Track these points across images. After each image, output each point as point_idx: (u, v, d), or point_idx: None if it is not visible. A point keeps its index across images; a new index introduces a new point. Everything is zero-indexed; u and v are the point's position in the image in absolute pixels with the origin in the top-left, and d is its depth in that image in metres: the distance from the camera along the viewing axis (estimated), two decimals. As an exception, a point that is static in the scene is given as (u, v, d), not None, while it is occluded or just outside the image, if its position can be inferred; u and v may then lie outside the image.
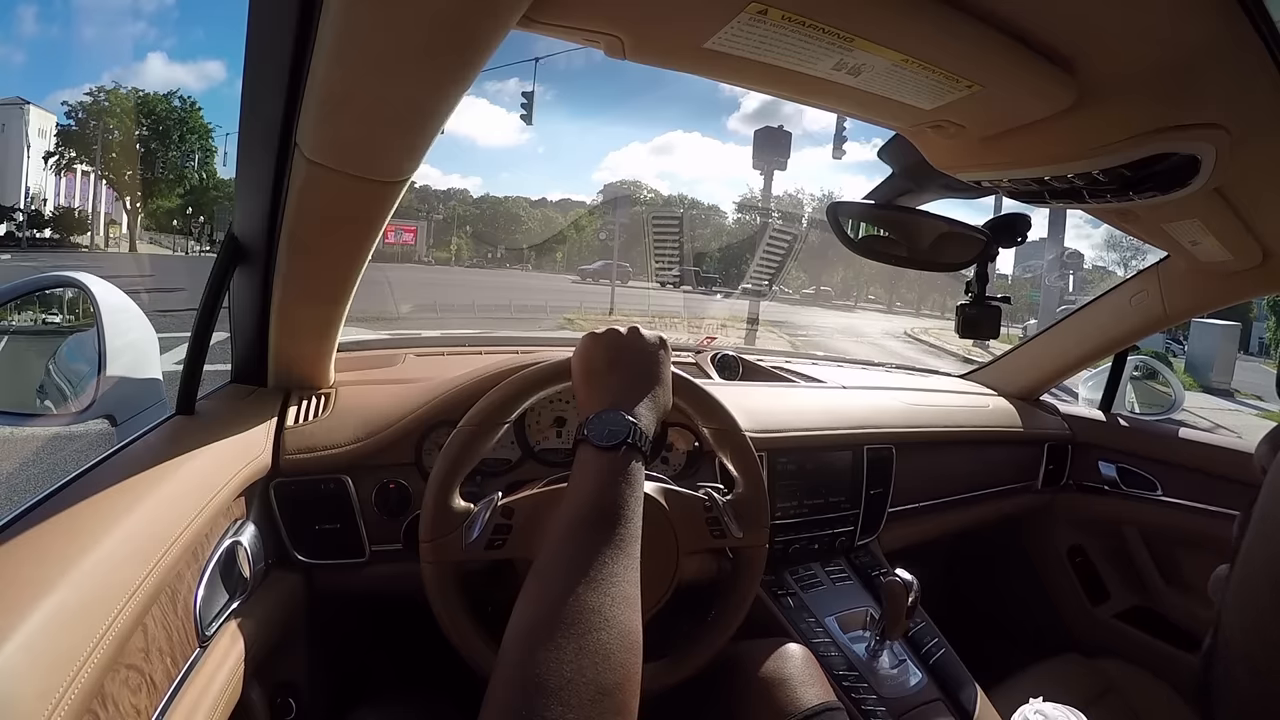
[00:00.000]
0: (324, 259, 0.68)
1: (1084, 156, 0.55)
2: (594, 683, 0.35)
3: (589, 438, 0.51)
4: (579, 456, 0.51)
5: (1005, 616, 1.53)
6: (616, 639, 0.38)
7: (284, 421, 0.77)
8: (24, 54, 39.06)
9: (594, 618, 0.38)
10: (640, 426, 0.52)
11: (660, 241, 13.66)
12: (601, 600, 0.39)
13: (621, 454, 0.50)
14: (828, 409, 1.10)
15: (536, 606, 0.40)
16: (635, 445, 0.51)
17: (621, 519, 0.45)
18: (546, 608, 0.39)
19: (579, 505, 0.47)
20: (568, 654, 0.36)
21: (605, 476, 0.48)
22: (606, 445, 0.50)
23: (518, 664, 0.36)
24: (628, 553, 0.44)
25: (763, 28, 0.40)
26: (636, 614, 0.41)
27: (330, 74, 0.44)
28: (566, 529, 0.45)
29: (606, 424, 0.51)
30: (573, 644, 0.36)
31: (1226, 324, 11.64)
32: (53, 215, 24.50)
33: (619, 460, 0.49)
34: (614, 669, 0.37)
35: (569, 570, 0.41)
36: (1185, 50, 0.42)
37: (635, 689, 0.37)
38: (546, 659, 0.36)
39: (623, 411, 0.52)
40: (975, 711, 0.86)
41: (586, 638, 0.37)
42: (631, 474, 0.49)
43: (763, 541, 0.74)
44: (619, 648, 0.38)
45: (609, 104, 75.16)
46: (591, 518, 0.45)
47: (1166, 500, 1.27)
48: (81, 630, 0.40)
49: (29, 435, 3.10)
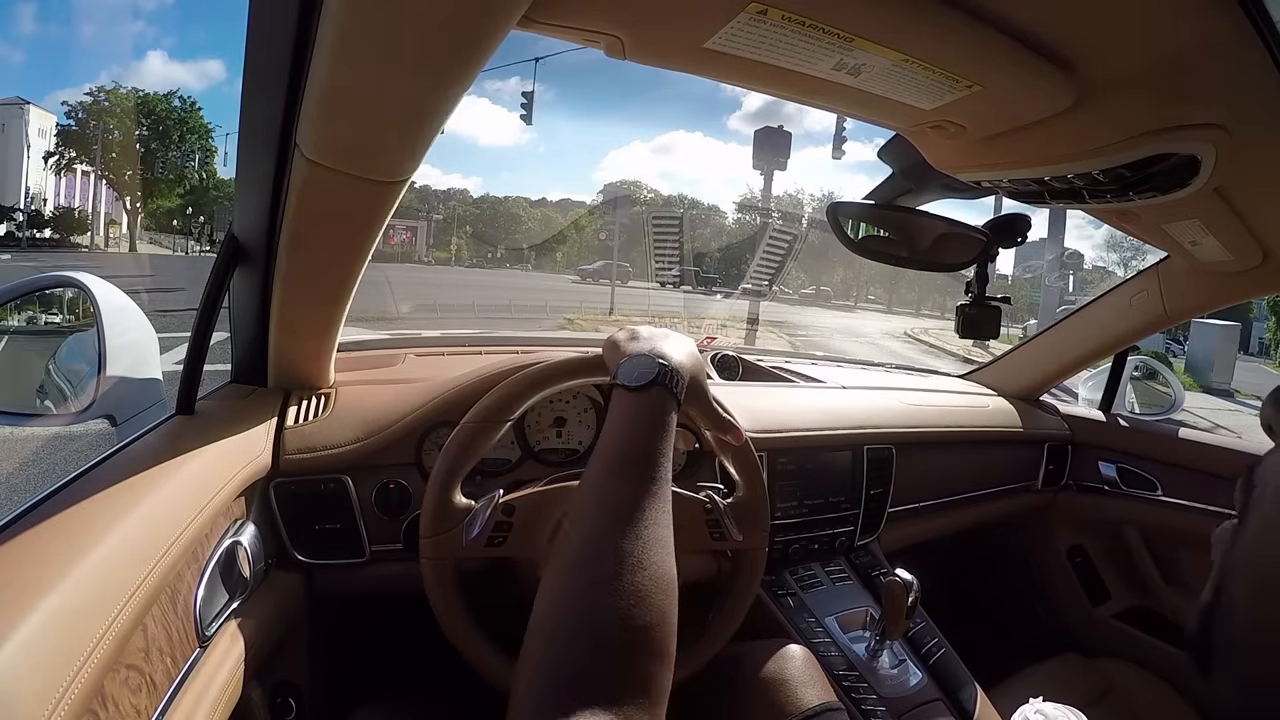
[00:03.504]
0: (324, 259, 0.68)
1: (1084, 156, 0.55)
2: (631, 625, 0.36)
3: (619, 380, 0.51)
4: (611, 402, 0.51)
5: (1005, 616, 1.53)
6: (650, 581, 0.38)
7: (284, 421, 0.77)
8: (24, 54, 39.11)
9: (628, 560, 0.38)
10: (671, 366, 0.51)
11: (660, 241, 13.65)
12: (634, 544, 0.39)
13: (653, 394, 0.49)
14: (827, 409, 1.10)
15: (572, 553, 0.40)
16: (666, 385, 0.50)
17: (653, 462, 0.45)
18: (580, 552, 0.39)
19: (610, 449, 0.47)
20: (603, 597, 0.36)
21: (636, 418, 0.48)
22: (636, 385, 0.50)
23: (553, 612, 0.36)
24: (659, 495, 0.44)
25: (763, 28, 0.40)
26: (670, 556, 0.41)
27: (330, 74, 0.44)
28: (599, 474, 0.45)
29: (636, 366, 0.51)
30: (608, 586, 0.37)
31: (1226, 324, 11.63)
32: (53, 215, 24.49)
33: (649, 400, 0.49)
34: (650, 610, 0.37)
35: (602, 514, 0.42)
36: (1185, 50, 0.42)
37: (672, 630, 0.38)
38: (583, 603, 0.36)
39: (654, 354, 0.52)
40: (975, 711, 0.86)
41: (621, 580, 0.37)
42: (662, 415, 0.49)
43: (762, 544, 0.74)
44: (654, 589, 0.38)
45: (609, 104, 75.24)
46: (622, 462, 0.45)
47: (1166, 500, 1.27)
48: (81, 630, 0.40)
49: (29, 435, 3.10)
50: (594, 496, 0.44)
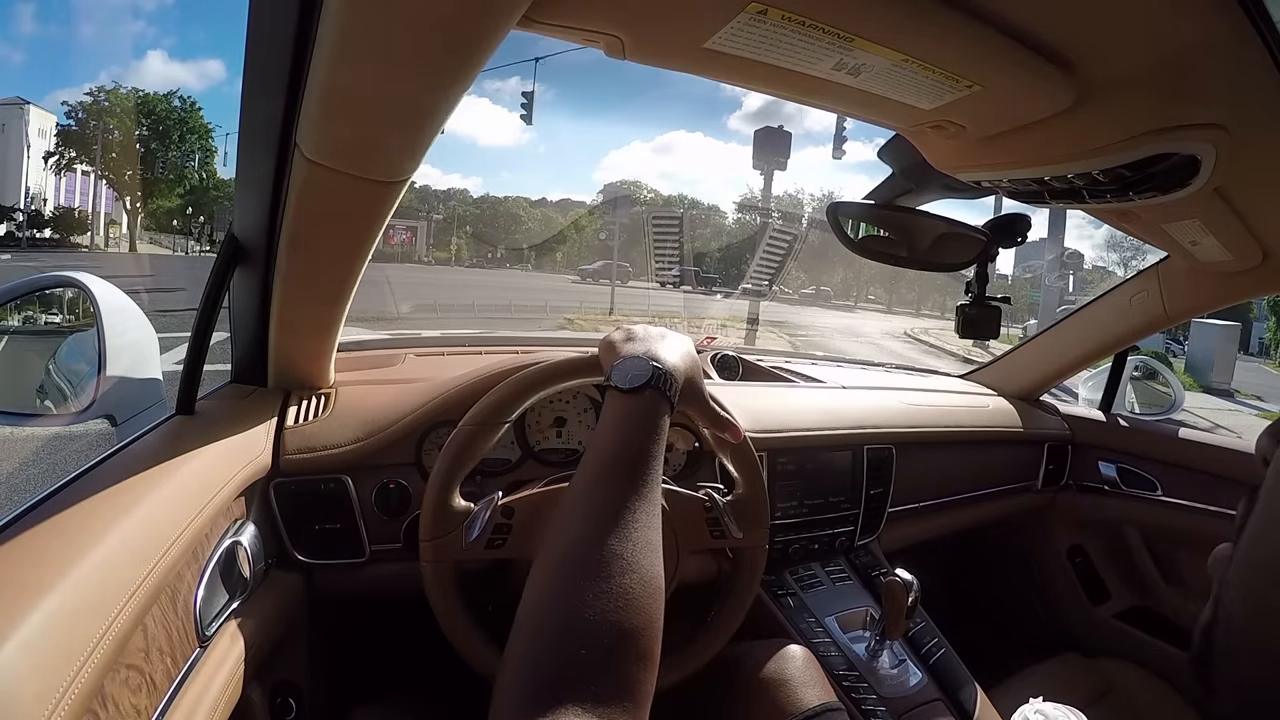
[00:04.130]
0: (324, 259, 0.68)
1: (1084, 156, 0.55)
2: (617, 626, 0.35)
3: (613, 382, 0.51)
4: (605, 403, 0.51)
5: (1005, 616, 1.53)
6: (639, 584, 0.38)
7: (284, 421, 0.77)
8: (24, 54, 39.11)
9: (617, 563, 0.38)
10: (665, 369, 0.51)
11: (660, 241, 13.65)
12: (624, 546, 0.39)
13: (645, 396, 0.49)
14: (827, 409, 1.10)
15: (559, 551, 0.40)
16: (659, 388, 0.50)
17: (644, 465, 0.45)
18: (569, 552, 0.39)
19: (601, 450, 0.47)
20: (590, 598, 0.36)
21: (628, 421, 0.48)
22: (629, 388, 0.50)
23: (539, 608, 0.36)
24: (649, 498, 0.44)
25: (763, 28, 0.40)
26: (658, 559, 0.41)
27: (330, 74, 0.44)
28: (589, 475, 0.45)
29: (630, 368, 0.51)
30: (595, 588, 0.36)
31: (1226, 324, 11.63)
32: (53, 215, 24.49)
33: (641, 403, 0.49)
34: (637, 613, 0.37)
35: (591, 516, 0.41)
36: (1185, 50, 0.42)
37: (658, 634, 0.37)
38: (569, 602, 0.36)
39: (648, 356, 0.52)
40: (975, 711, 0.86)
41: (609, 582, 0.37)
42: (654, 417, 0.49)
43: (762, 542, 0.74)
44: (642, 593, 0.38)
45: (609, 104, 75.23)
46: (614, 463, 0.45)
47: (1166, 500, 1.27)
48: (81, 630, 0.40)
49: (29, 435, 3.10)
50: (584, 497, 0.44)
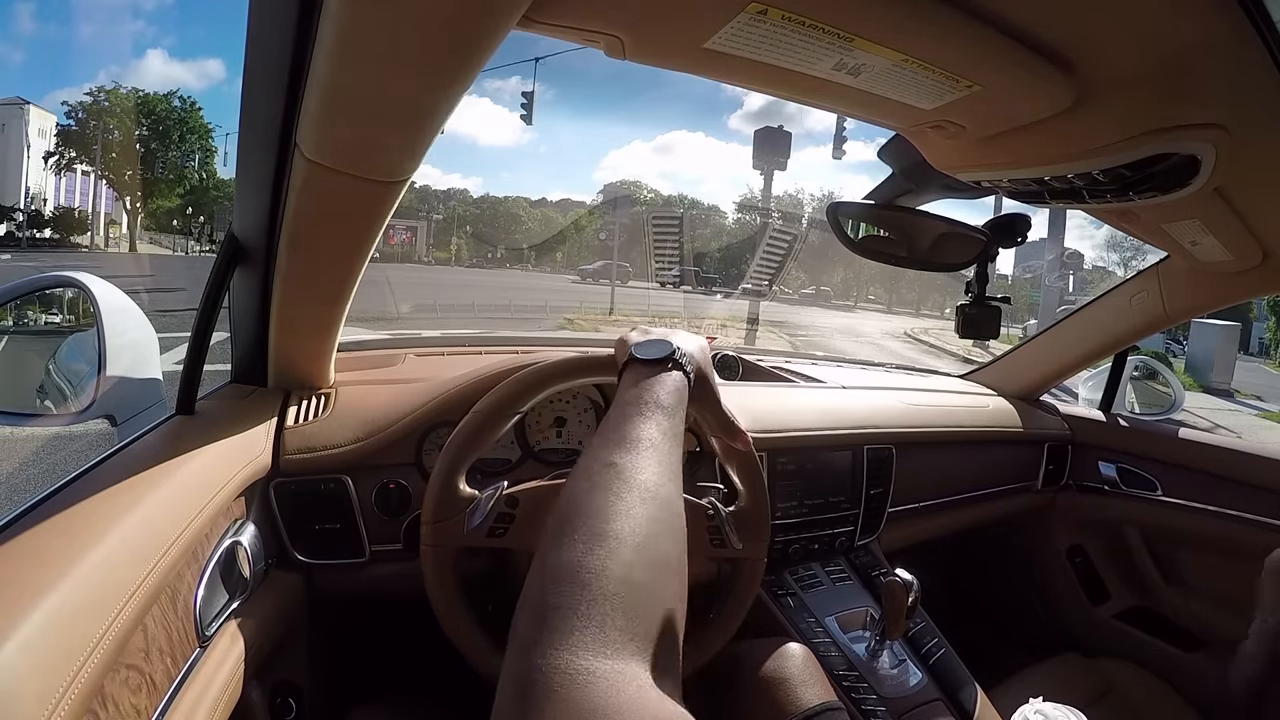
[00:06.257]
0: (324, 259, 0.68)
1: (1084, 157, 0.55)
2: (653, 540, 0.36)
3: (634, 356, 0.52)
4: (623, 376, 0.52)
5: (1005, 616, 1.53)
6: (665, 511, 0.39)
7: (284, 421, 0.77)
8: (24, 54, 39.09)
9: (647, 491, 0.38)
10: (685, 352, 0.52)
11: (660, 241, 13.67)
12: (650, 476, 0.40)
13: (667, 367, 0.50)
14: (827, 409, 1.10)
15: (588, 469, 0.40)
16: (678, 363, 0.51)
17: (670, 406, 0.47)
18: (597, 468, 0.40)
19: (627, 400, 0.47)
20: (624, 505, 0.36)
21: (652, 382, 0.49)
22: (650, 358, 0.51)
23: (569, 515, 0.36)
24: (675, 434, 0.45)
25: (763, 28, 0.40)
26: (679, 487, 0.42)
27: (330, 74, 0.44)
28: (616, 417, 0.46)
29: (650, 347, 0.52)
30: (626, 499, 0.37)
31: (1226, 324, 11.62)
32: (53, 215, 24.47)
33: (663, 370, 0.50)
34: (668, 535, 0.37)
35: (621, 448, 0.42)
36: (1185, 50, 0.42)
37: (684, 551, 0.38)
38: (607, 509, 0.36)
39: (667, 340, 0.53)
40: (975, 711, 0.86)
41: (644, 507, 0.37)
42: (675, 383, 0.49)
43: (761, 555, 0.74)
44: (668, 514, 0.38)
45: (609, 103, 75.22)
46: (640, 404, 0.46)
47: (1166, 500, 1.27)
48: (81, 630, 0.40)
49: (29, 435, 3.10)
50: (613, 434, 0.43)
